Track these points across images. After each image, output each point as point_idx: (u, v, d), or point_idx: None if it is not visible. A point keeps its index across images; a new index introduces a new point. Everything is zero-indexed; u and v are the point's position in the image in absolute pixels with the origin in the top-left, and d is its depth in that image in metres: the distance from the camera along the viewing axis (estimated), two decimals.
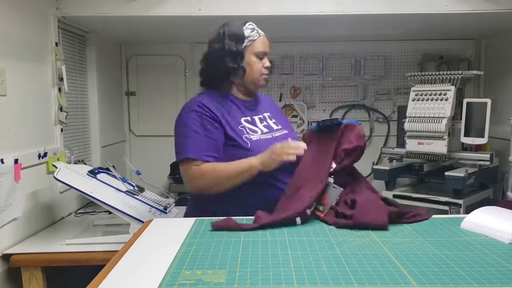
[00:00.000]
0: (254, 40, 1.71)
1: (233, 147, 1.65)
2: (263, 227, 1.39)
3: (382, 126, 3.81)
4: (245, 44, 1.70)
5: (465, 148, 3.09)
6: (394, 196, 2.94)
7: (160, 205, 2.19)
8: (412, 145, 2.87)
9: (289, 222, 1.41)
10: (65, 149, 2.53)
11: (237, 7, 2.49)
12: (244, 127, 1.69)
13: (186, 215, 1.77)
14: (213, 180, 1.63)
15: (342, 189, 1.48)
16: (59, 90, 2.46)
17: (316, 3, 2.51)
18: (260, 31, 1.74)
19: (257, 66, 1.71)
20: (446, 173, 2.67)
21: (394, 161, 3.14)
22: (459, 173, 2.65)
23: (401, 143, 3.39)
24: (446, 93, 2.75)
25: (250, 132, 1.69)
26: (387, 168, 2.99)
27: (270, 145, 1.61)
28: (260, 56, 1.72)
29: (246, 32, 1.71)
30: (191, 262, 1.13)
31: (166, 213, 2.16)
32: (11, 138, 2.03)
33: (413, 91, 2.90)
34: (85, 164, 2.68)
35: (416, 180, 3.17)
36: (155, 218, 1.99)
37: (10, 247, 2.00)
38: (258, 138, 1.68)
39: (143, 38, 3.49)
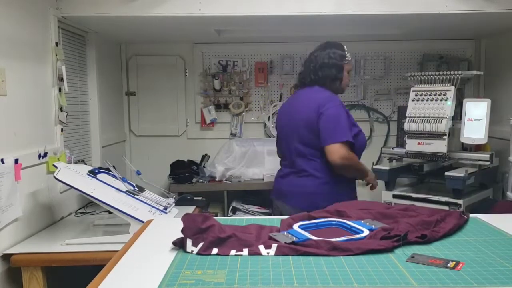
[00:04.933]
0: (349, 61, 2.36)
1: (356, 136, 2.20)
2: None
3: (382, 126, 3.81)
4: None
5: (465, 148, 3.09)
6: (394, 196, 2.94)
7: (160, 205, 2.19)
8: (412, 145, 2.87)
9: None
10: (65, 149, 2.53)
11: (237, 7, 2.49)
12: None
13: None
14: (353, 164, 2.19)
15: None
16: (59, 90, 2.45)
17: (316, 3, 2.51)
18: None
19: (346, 80, 2.38)
20: (446, 173, 2.67)
21: (394, 161, 3.14)
22: (459, 173, 2.65)
23: (401, 143, 3.39)
24: (446, 93, 2.75)
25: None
26: (387, 168, 2.98)
27: None
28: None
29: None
30: (191, 262, 1.14)
31: (166, 213, 2.16)
32: (11, 138, 2.03)
33: (413, 91, 2.90)
34: (85, 164, 2.68)
35: (416, 180, 3.17)
36: (155, 218, 1.99)
37: (10, 247, 1.99)
38: None
39: (143, 38, 3.49)
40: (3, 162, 1.89)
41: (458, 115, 2.84)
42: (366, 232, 1.28)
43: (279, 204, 2.36)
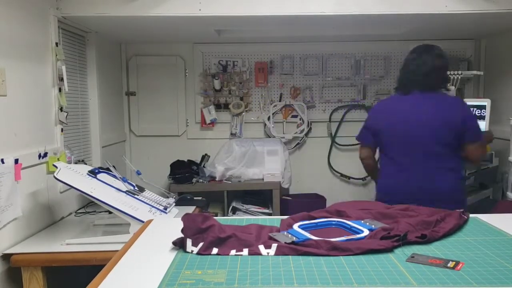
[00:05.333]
0: None
1: None
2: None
3: None
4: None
5: None
6: None
7: (160, 205, 2.19)
8: None
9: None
10: (66, 149, 2.53)
11: (237, 7, 2.49)
12: None
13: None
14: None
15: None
16: (60, 90, 2.46)
17: (316, 3, 2.51)
18: None
19: None
20: None
21: None
22: None
23: None
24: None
25: None
26: None
27: None
28: None
29: None
30: (191, 262, 1.14)
31: (166, 213, 2.16)
32: (11, 138, 2.03)
33: None
34: (86, 164, 2.68)
35: None
36: (155, 218, 1.99)
37: (11, 247, 1.99)
38: None
39: (143, 38, 3.49)
40: (3, 162, 1.89)
41: None
42: (366, 232, 1.28)
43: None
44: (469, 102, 2.73)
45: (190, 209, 2.54)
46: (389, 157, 2.34)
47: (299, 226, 1.36)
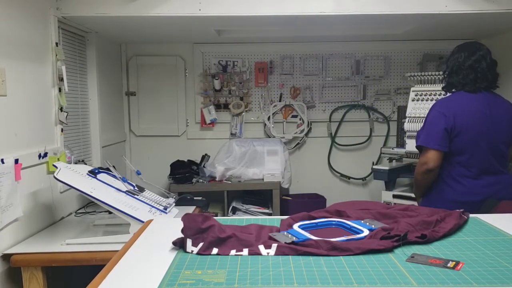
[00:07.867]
0: None
1: None
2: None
3: (382, 126, 3.81)
4: None
5: None
6: (394, 196, 2.94)
7: (160, 205, 2.19)
8: (411, 145, 2.86)
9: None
10: (66, 149, 2.53)
11: (237, 7, 2.49)
12: None
13: None
14: None
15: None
16: (60, 90, 2.46)
17: (316, 3, 2.51)
18: None
19: None
20: None
21: (394, 161, 3.14)
22: None
23: (400, 143, 3.40)
24: (446, 93, 2.75)
25: None
26: (387, 168, 2.99)
27: None
28: None
29: None
30: (191, 262, 1.14)
31: (166, 213, 2.16)
32: (12, 138, 2.03)
33: (413, 91, 2.90)
34: (85, 164, 2.68)
35: None
36: (155, 218, 1.99)
37: (11, 247, 1.99)
38: None
39: (143, 38, 3.49)
40: (3, 162, 1.89)
41: None
42: (366, 232, 1.28)
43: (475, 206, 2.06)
44: None
45: (190, 209, 2.54)
46: (458, 162, 2.15)
47: (299, 226, 1.36)
